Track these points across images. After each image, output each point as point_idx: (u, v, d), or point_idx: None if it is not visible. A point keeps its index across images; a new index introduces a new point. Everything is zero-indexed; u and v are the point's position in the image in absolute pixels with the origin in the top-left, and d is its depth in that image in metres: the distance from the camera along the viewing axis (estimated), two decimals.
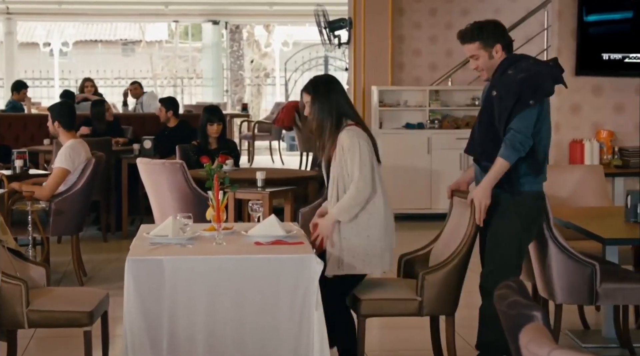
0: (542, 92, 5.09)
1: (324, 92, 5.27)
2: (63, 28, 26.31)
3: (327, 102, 5.23)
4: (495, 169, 5.10)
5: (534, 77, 5.09)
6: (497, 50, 5.23)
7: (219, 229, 4.95)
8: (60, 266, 8.26)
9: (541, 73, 5.13)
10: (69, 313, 5.07)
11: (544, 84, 5.10)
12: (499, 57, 5.24)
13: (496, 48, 5.22)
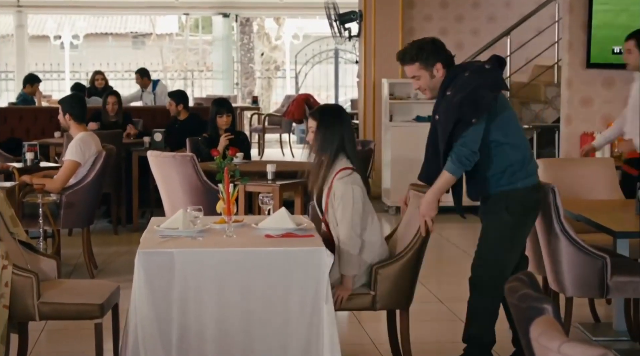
0: (482, 108, 5.06)
1: (329, 121, 5.25)
2: (74, 21, 26.35)
3: (330, 133, 5.22)
4: (440, 182, 5.14)
5: (472, 95, 5.06)
6: (438, 69, 5.22)
7: (229, 222, 4.95)
8: (71, 258, 8.28)
9: (479, 88, 5.08)
10: (79, 305, 5.08)
11: (483, 100, 5.06)
12: (440, 75, 5.22)
13: (436, 67, 5.21)
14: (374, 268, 5.17)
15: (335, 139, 5.21)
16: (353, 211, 5.08)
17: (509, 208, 5.15)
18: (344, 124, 5.27)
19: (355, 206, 5.09)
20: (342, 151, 5.21)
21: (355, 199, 5.09)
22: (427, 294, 7.15)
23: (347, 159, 5.20)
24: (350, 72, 23.21)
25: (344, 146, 5.21)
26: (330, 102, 21.40)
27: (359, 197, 5.11)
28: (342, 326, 6.13)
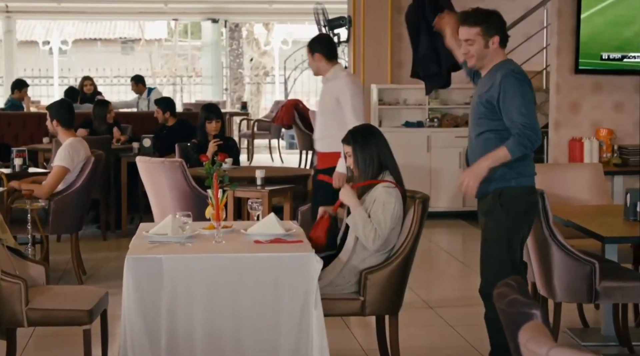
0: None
1: (363, 143, 5.28)
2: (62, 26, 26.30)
3: (367, 155, 5.26)
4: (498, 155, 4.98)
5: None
6: (495, 41, 5.10)
7: (218, 228, 4.95)
8: (59, 264, 8.26)
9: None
10: (68, 311, 5.07)
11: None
12: (494, 49, 5.11)
13: (494, 39, 5.10)
14: (363, 274, 5.17)
15: (375, 159, 5.25)
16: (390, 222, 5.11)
17: (503, 207, 5.07)
18: (378, 141, 5.30)
19: (393, 219, 5.13)
20: (385, 168, 5.26)
21: (394, 215, 5.14)
22: (416, 300, 7.15)
23: (390, 176, 5.24)
24: None
25: (385, 164, 5.27)
26: None
27: (396, 218, 5.17)
28: (331, 331, 6.09)
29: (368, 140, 5.31)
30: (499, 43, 5.11)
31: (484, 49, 5.09)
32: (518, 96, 4.94)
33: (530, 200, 5.15)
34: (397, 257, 5.22)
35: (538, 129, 4.95)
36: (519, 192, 5.07)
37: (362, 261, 5.21)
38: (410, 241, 5.23)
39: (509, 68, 5.06)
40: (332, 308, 5.12)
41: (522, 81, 5.00)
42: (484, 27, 5.10)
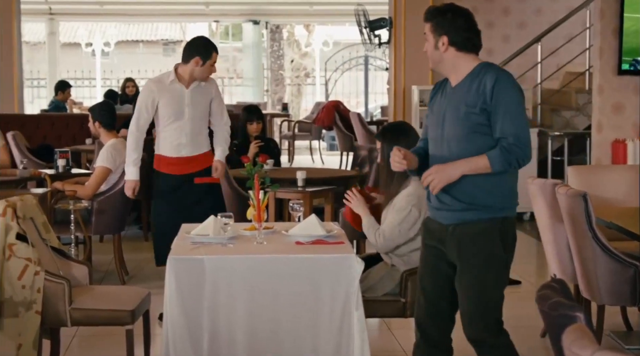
0: None
1: (390, 139, 5.24)
2: (105, 28, 26.48)
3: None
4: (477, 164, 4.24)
5: None
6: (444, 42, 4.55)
7: (259, 229, 4.96)
8: (102, 264, 8.32)
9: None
10: (111, 311, 5.11)
11: None
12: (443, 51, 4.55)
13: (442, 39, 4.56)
14: (404, 275, 5.16)
15: None
16: (396, 228, 5.09)
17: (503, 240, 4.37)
18: (409, 141, 5.13)
19: (403, 225, 5.10)
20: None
21: (406, 221, 5.10)
22: None
23: (414, 181, 5.17)
24: (380, 79, 23.22)
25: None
26: (360, 109, 21.40)
27: (411, 222, 5.12)
28: (372, 333, 6.12)
29: (397, 138, 5.23)
30: (450, 45, 4.47)
31: (434, 51, 4.55)
32: (513, 105, 4.26)
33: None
34: None
35: (530, 146, 4.23)
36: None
37: (404, 264, 5.20)
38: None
39: (500, 71, 4.42)
40: (373, 310, 5.13)
41: (517, 88, 4.35)
42: (433, 24, 4.56)
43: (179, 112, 6.65)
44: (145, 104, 6.62)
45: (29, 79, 22.95)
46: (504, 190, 4.28)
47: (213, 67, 6.73)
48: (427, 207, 4.49)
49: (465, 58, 4.45)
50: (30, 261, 5.00)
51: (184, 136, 6.70)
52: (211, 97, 6.85)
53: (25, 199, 5.27)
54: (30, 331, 5.00)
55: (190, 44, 6.80)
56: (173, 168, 6.70)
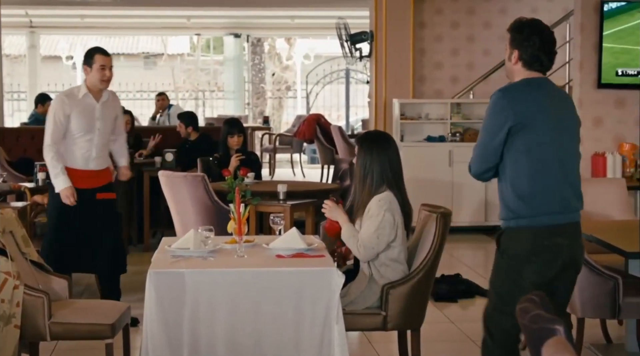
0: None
1: (368, 148, 5.25)
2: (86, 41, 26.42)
3: (369, 159, 5.21)
4: None
5: None
6: (515, 56, 4.60)
7: (240, 242, 4.95)
8: (81, 279, 8.27)
9: None
10: (90, 325, 5.09)
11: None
12: (513, 64, 4.61)
13: (514, 54, 4.60)
14: (385, 288, 5.16)
15: (375, 167, 5.19)
16: (374, 235, 5.08)
17: (506, 250, 4.45)
18: (386, 152, 5.22)
19: (379, 231, 5.09)
20: (384, 179, 5.20)
21: (381, 226, 5.09)
22: (438, 315, 7.13)
23: (389, 190, 5.19)
24: (361, 92, 23.24)
25: (385, 174, 5.20)
26: (341, 122, 21.43)
27: (385, 226, 5.10)
28: (353, 346, 6.12)
29: (374, 146, 5.24)
30: (519, 60, 4.54)
31: (507, 62, 4.63)
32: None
33: (536, 243, 4.33)
34: (419, 272, 5.20)
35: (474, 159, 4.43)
36: (521, 234, 4.36)
37: (381, 277, 5.19)
38: (432, 256, 5.21)
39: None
40: (353, 323, 5.12)
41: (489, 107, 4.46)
42: (511, 35, 4.63)
43: (90, 125, 6.78)
44: (59, 117, 6.73)
45: (9, 92, 22.86)
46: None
47: (104, 71, 6.81)
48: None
49: (527, 75, 4.53)
50: (10, 275, 4.97)
51: (93, 149, 6.81)
52: (117, 113, 7.05)
53: (4, 212, 5.25)
54: (9, 346, 4.97)
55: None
56: (79, 181, 6.76)
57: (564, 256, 4.33)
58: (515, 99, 4.40)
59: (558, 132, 4.40)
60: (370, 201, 5.16)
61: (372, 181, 5.18)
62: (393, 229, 5.12)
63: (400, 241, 5.19)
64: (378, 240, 5.09)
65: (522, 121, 4.33)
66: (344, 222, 5.22)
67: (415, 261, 5.32)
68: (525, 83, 4.49)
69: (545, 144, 4.34)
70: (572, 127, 4.51)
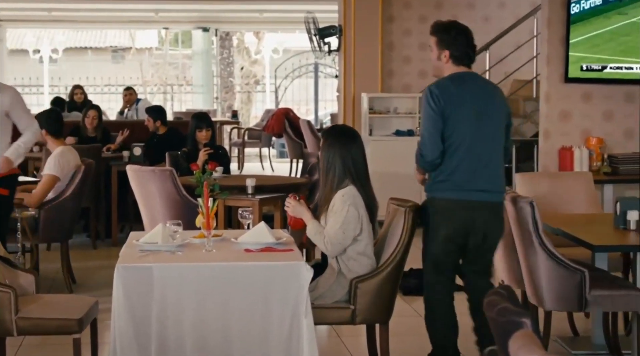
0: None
1: (331, 143, 5.24)
2: (53, 35, 26.29)
3: (332, 154, 5.21)
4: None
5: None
6: (445, 55, 5.35)
7: (208, 236, 4.94)
8: (49, 273, 8.23)
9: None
10: (58, 320, 5.06)
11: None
12: (445, 63, 5.37)
13: (444, 53, 5.34)
14: (353, 282, 5.16)
15: (338, 161, 5.19)
16: (339, 230, 5.08)
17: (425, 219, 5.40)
18: (350, 146, 5.21)
19: (344, 226, 5.09)
20: (347, 174, 5.19)
21: (346, 221, 5.09)
22: (406, 309, 7.15)
23: (352, 184, 5.19)
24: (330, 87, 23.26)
25: (349, 169, 5.19)
26: (310, 116, 21.42)
27: (351, 221, 5.10)
28: (321, 340, 6.12)
29: (338, 141, 5.24)
30: (449, 58, 5.32)
31: (436, 61, 5.37)
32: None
33: (445, 214, 5.30)
34: (388, 266, 5.21)
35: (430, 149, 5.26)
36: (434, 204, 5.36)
37: (349, 271, 5.20)
38: (400, 249, 5.23)
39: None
40: (322, 317, 5.12)
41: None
42: (437, 38, 5.38)
43: None
44: None
45: None
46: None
47: None
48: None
49: (455, 70, 5.34)
50: None
51: None
52: (5, 108, 6.78)
53: None
54: None
55: None
56: None
57: (466, 227, 5.25)
58: (442, 92, 5.24)
59: (477, 120, 5.24)
60: (333, 196, 5.17)
61: (334, 176, 5.18)
62: (358, 223, 5.13)
63: (366, 235, 5.19)
64: (344, 235, 5.09)
65: (447, 110, 5.20)
66: (308, 219, 5.22)
67: (384, 255, 5.33)
68: (450, 79, 5.31)
69: (461, 131, 5.21)
70: (496, 116, 5.37)
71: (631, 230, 5.69)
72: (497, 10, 12.74)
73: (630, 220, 5.71)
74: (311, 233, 5.18)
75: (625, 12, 8.62)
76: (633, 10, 8.59)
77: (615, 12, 8.64)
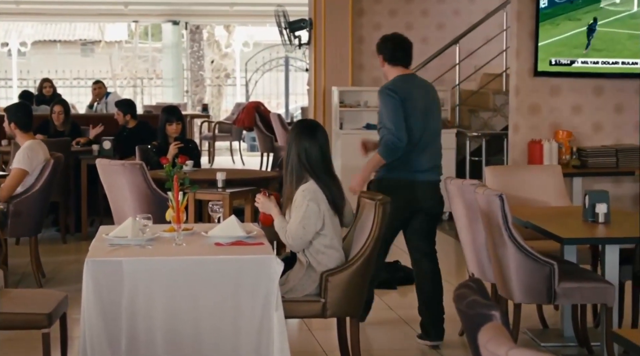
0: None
1: (290, 139, 5.25)
2: (21, 28, 26.12)
3: (289, 149, 5.22)
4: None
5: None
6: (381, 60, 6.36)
7: (178, 230, 4.93)
8: (18, 267, 8.19)
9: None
10: (27, 315, 5.03)
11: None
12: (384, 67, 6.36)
13: (379, 58, 6.37)
14: (324, 276, 5.17)
15: (294, 157, 5.19)
16: (299, 225, 5.08)
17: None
18: (304, 141, 5.21)
19: (304, 221, 5.09)
20: (303, 170, 5.20)
21: (306, 216, 5.09)
22: (377, 302, 7.16)
23: (312, 179, 5.19)
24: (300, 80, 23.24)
25: (304, 165, 5.19)
26: (280, 110, 21.41)
27: (310, 216, 5.10)
28: (292, 333, 6.13)
29: (293, 137, 5.26)
30: (384, 61, 6.33)
31: (382, 68, 6.39)
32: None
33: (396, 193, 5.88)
34: (358, 259, 5.22)
35: (403, 134, 6.09)
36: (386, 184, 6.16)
37: (318, 264, 5.20)
38: (371, 243, 5.23)
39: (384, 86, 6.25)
40: (293, 311, 5.12)
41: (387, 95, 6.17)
42: (377, 49, 6.42)
43: None
44: None
45: None
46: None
47: None
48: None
49: (397, 71, 6.33)
50: None
51: None
52: None
53: None
54: None
55: None
56: None
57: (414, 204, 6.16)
58: (397, 88, 6.17)
59: (424, 113, 6.18)
60: (295, 192, 5.18)
61: (292, 172, 5.21)
62: (319, 219, 5.14)
63: (330, 229, 5.20)
64: (304, 230, 5.10)
65: (403, 104, 6.10)
66: (275, 215, 5.23)
67: (354, 249, 5.34)
68: (398, 79, 6.26)
69: (414, 123, 6.13)
70: (435, 110, 6.32)
71: (600, 223, 5.73)
72: (467, 4, 12.78)
73: (599, 213, 5.75)
74: (277, 227, 5.20)
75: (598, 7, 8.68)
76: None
77: (583, 11, 8.69)
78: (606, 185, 8.64)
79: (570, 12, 8.70)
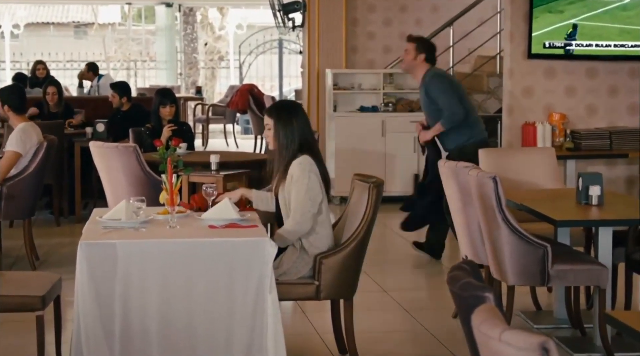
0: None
1: (287, 118, 5.25)
2: (14, 10, 26.00)
3: (290, 132, 5.21)
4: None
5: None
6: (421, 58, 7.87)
7: (172, 213, 4.93)
8: (12, 250, 8.19)
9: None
10: (21, 297, 5.03)
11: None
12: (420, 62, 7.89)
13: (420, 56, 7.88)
14: (317, 258, 5.17)
15: (296, 137, 5.20)
16: (305, 198, 5.09)
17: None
18: (300, 117, 5.28)
19: (309, 193, 5.10)
20: (304, 148, 5.21)
21: (309, 188, 5.09)
22: (371, 284, 7.18)
23: (306, 153, 5.20)
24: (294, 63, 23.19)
25: (305, 142, 5.21)
26: (274, 92, 21.38)
27: (313, 187, 5.11)
28: (286, 316, 6.14)
29: (292, 117, 5.27)
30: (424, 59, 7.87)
31: (412, 61, 7.89)
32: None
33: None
34: (352, 242, 5.23)
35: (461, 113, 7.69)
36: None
37: (310, 245, 5.20)
38: (364, 225, 5.24)
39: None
40: (286, 293, 5.13)
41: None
42: (416, 45, 7.92)
43: None
44: None
45: None
46: None
47: None
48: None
49: (427, 67, 7.92)
50: None
51: None
52: None
53: None
54: None
55: None
56: None
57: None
58: (446, 76, 8.09)
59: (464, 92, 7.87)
60: (289, 165, 5.17)
61: (294, 150, 5.20)
62: (321, 190, 5.16)
63: (325, 202, 5.23)
64: (312, 202, 5.11)
65: (452, 86, 7.79)
66: (247, 191, 5.44)
67: (348, 231, 5.34)
68: (439, 71, 8.00)
69: (465, 100, 7.80)
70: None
71: (593, 205, 5.74)
72: None
73: (592, 195, 5.76)
74: (284, 235, 5.17)
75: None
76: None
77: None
78: (600, 167, 8.67)
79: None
